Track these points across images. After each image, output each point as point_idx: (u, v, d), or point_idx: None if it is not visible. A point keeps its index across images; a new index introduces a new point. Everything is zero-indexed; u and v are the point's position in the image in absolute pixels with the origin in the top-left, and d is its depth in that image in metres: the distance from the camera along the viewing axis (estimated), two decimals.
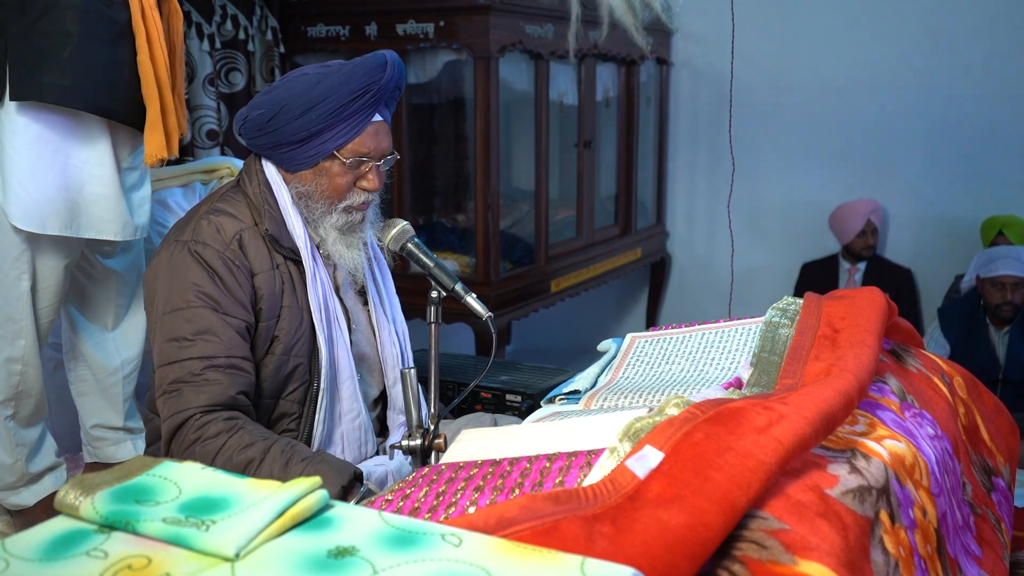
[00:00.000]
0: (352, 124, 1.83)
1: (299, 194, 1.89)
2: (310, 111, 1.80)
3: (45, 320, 2.23)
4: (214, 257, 1.81)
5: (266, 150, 1.89)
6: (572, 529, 0.88)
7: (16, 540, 0.85)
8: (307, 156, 1.85)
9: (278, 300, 1.86)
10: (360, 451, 1.96)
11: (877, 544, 1.08)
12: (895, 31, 4.86)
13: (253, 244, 1.86)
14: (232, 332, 1.79)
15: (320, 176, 1.87)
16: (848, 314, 1.53)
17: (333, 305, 1.92)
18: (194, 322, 1.78)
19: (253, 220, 1.88)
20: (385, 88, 1.84)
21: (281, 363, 1.86)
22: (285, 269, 1.88)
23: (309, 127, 1.81)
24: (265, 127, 1.84)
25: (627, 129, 5.03)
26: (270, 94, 1.85)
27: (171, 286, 1.81)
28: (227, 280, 1.81)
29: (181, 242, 1.84)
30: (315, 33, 4.04)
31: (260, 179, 1.90)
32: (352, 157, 1.85)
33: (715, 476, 0.97)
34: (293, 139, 1.83)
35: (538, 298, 4.33)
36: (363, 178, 1.88)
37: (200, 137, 3.62)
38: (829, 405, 1.15)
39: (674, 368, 1.75)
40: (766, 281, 5.17)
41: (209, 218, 1.86)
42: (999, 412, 1.76)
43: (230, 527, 0.85)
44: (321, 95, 1.79)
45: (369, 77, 1.81)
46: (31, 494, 2.31)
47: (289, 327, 1.86)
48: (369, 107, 1.84)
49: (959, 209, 4.86)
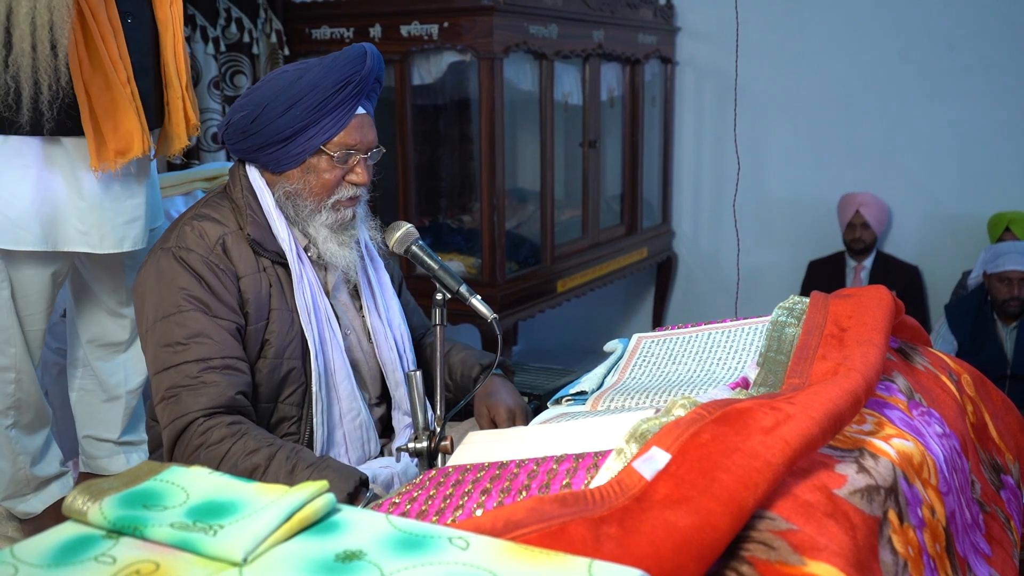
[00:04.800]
0: (337, 117, 1.83)
1: (287, 194, 1.89)
2: (293, 107, 1.81)
3: (34, 327, 2.20)
4: (199, 262, 1.82)
5: (251, 153, 1.89)
6: (579, 531, 0.88)
7: (24, 546, 0.85)
8: (294, 154, 1.85)
9: (266, 303, 1.87)
10: (363, 450, 1.96)
11: (886, 544, 1.08)
12: (899, 27, 4.85)
13: (237, 248, 1.86)
14: (225, 334, 1.80)
15: (308, 174, 1.87)
16: (855, 313, 1.53)
17: (324, 306, 1.91)
18: (186, 326, 1.78)
19: (237, 224, 1.89)
20: (366, 79, 1.85)
21: (275, 366, 1.86)
22: (272, 272, 1.88)
23: (294, 124, 1.82)
24: (249, 128, 1.84)
25: (632, 128, 5.02)
26: (251, 95, 1.85)
27: (160, 293, 1.82)
28: (213, 284, 1.81)
29: (166, 249, 1.85)
30: (319, 35, 4.05)
31: (244, 184, 1.91)
32: (340, 151, 1.85)
33: (722, 477, 0.97)
34: (279, 138, 1.83)
35: (544, 298, 4.33)
36: (351, 172, 1.89)
37: (205, 140, 3.63)
38: (836, 405, 1.15)
39: (680, 368, 1.75)
40: (773, 279, 5.16)
41: (192, 224, 1.87)
42: (1007, 409, 1.75)
43: (238, 532, 0.85)
44: (303, 90, 1.80)
45: (349, 68, 1.82)
46: (39, 501, 2.31)
47: (279, 330, 1.86)
48: (352, 99, 1.84)
49: (966, 206, 4.85)
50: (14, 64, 1.95)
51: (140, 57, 2.11)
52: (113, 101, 2.03)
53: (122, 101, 2.04)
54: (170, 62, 2.17)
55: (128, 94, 2.05)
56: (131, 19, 2.09)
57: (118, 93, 2.03)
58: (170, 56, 2.17)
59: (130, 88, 2.06)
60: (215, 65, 3.67)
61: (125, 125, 2.05)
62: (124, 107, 2.04)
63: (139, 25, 2.12)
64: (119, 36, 2.04)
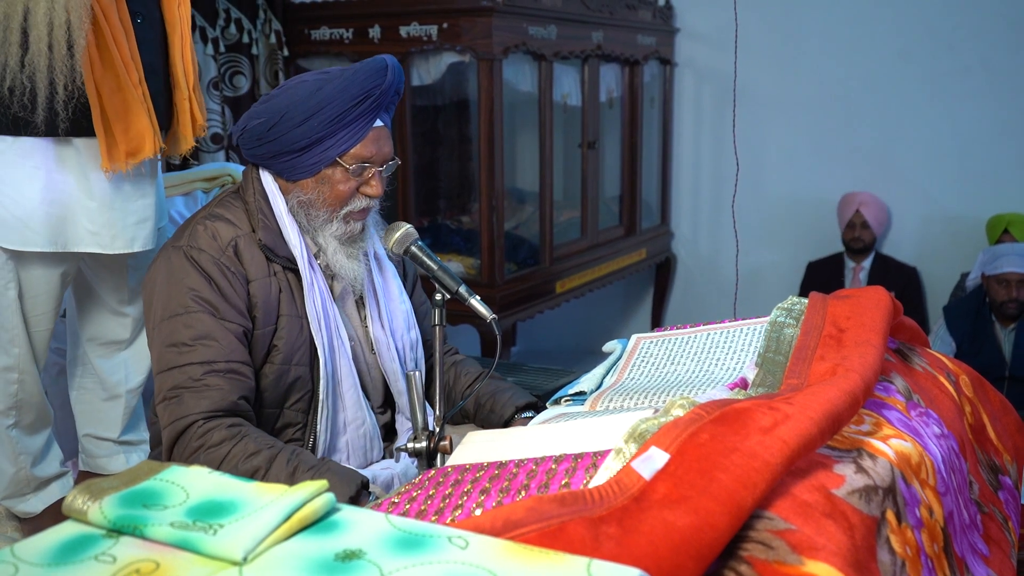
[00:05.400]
0: (354, 130, 1.82)
1: (300, 203, 1.87)
2: (311, 118, 1.79)
3: (40, 328, 2.20)
4: (209, 263, 1.81)
5: (266, 160, 1.87)
6: (578, 531, 0.88)
7: (25, 545, 0.85)
8: (309, 164, 1.84)
9: (275, 308, 1.86)
10: (365, 458, 1.96)
11: (884, 544, 1.09)
12: (898, 28, 4.85)
13: (249, 251, 1.85)
14: (231, 337, 1.79)
15: (322, 184, 1.85)
16: (853, 314, 1.53)
17: (333, 314, 1.90)
18: (193, 327, 1.78)
19: (250, 227, 1.87)
20: (386, 93, 1.83)
21: (282, 372, 1.85)
22: (283, 277, 1.87)
23: (311, 134, 1.80)
24: (265, 136, 1.83)
25: (631, 129, 5.03)
26: (269, 103, 1.84)
27: (169, 291, 1.81)
28: (223, 286, 1.80)
29: (178, 247, 1.84)
30: (318, 36, 4.05)
31: (257, 188, 1.89)
32: (355, 163, 1.84)
33: (721, 477, 0.97)
34: (295, 147, 1.82)
35: (543, 299, 4.33)
36: (365, 184, 1.87)
37: (205, 141, 3.63)
38: (835, 405, 1.15)
39: (679, 369, 1.75)
40: (772, 280, 5.17)
41: (205, 223, 1.86)
42: (1006, 411, 1.75)
43: (238, 531, 0.85)
44: (322, 102, 1.78)
45: (370, 82, 1.80)
46: (39, 501, 2.31)
47: (288, 336, 1.85)
48: (370, 112, 1.83)
49: (964, 207, 4.85)
50: (30, 64, 1.94)
51: (150, 58, 2.10)
52: (124, 102, 2.02)
53: (134, 102, 2.03)
54: (178, 63, 2.17)
55: (140, 95, 2.04)
56: (141, 19, 2.08)
57: (130, 94, 2.02)
58: (178, 57, 2.16)
59: (141, 89, 2.05)
60: (214, 66, 3.67)
61: (136, 126, 2.05)
62: (136, 108, 2.03)
63: (149, 25, 2.11)
64: (130, 37, 2.04)
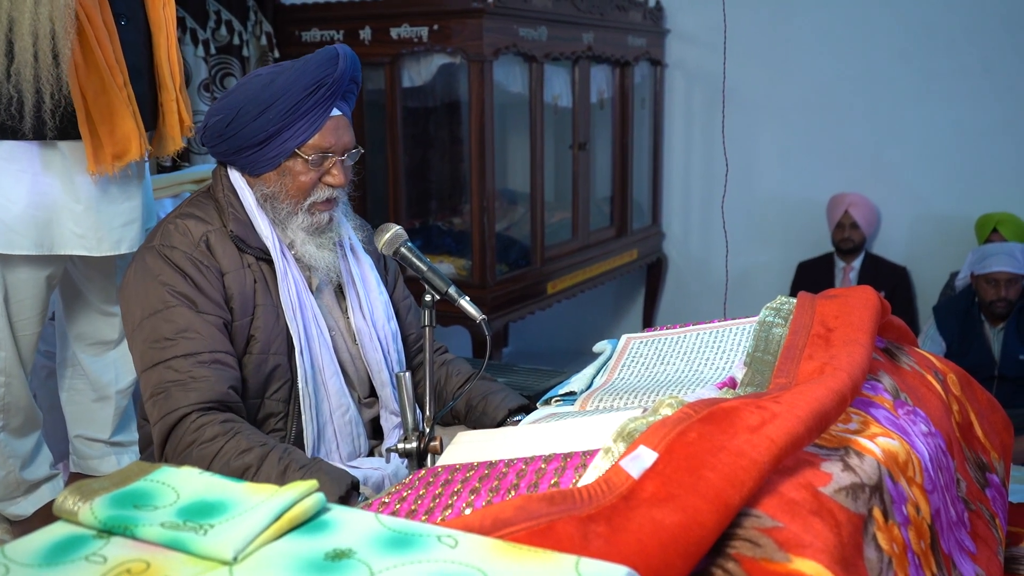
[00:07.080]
0: (310, 120, 1.84)
1: (264, 196, 1.90)
2: (267, 111, 1.81)
3: (26, 332, 2.19)
4: (183, 259, 1.83)
5: (229, 156, 1.90)
6: (567, 529, 0.89)
7: (15, 546, 0.85)
8: (270, 157, 1.86)
9: (250, 299, 1.87)
10: (354, 445, 1.97)
11: (870, 541, 1.09)
12: (888, 29, 4.87)
13: (221, 244, 1.87)
14: (212, 328, 1.80)
15: (284, 176, 1.88)
16: (841, 313, 1.54)
17: (309, 302, 1.92)
18: (174, 321, 1.79)
19: (221, 222, 1.89)
20: (340, 81, 1.85)
21: (260, 362, 1.87)
22: (257, 268, 1.89)
23: (268, 127, 1.82)
24: (225, 132, 1.85)
25: (622, 130, 5.04)
26: (226, 99, 1.86)
27: (146, 291, 1.83)
28: (198, 280, 1.82)
29: (150, 248, 1.86)
30: (309, 38, 4.05)
31: (226, 184, 1.92)
32: (314, 154, 1.86)
33: (709, 475, 0.98)
34: (254, 141, 1.84)
35: (534, 300, 4.34)
36: (327, 174, 1.89)
37: (195, 142, 3.62)
38: (822, 404, 1.16)
39: (669, 368, 1.76)
40: (762, 281, 5.18)
41: (176, 222, 1.88)
42: (993, 408, 1.76)
43: (228, 531, 0.86)
44: (275, 94, 1.81)
45: (322, 71, 1.82)
46: (29, 503, 2.31)
47: (264, 326, 1.87)
48: (326, 101, 1.85)
49: (954, 207, 4.88)
50: (16, 74, 1.95)
51: (135, 59, 2.10)
52: (110, 104, 2.03)
53: (119, 104, 2.03)
54: (164, 64, 2.17)
55: (125, 97, 2.04)
56: (125, 21, 2.08)
57: (115, 96, 2.02)
58: (164, 58, 2.17)
59: (127, 91, 2.05)
60: (205, 68, 3.67)
61: (122, 128, 2.05)
62: (121, 110, 2.04)
63: (133, 27, 2.11)
64: (114, 39, 2.04)
